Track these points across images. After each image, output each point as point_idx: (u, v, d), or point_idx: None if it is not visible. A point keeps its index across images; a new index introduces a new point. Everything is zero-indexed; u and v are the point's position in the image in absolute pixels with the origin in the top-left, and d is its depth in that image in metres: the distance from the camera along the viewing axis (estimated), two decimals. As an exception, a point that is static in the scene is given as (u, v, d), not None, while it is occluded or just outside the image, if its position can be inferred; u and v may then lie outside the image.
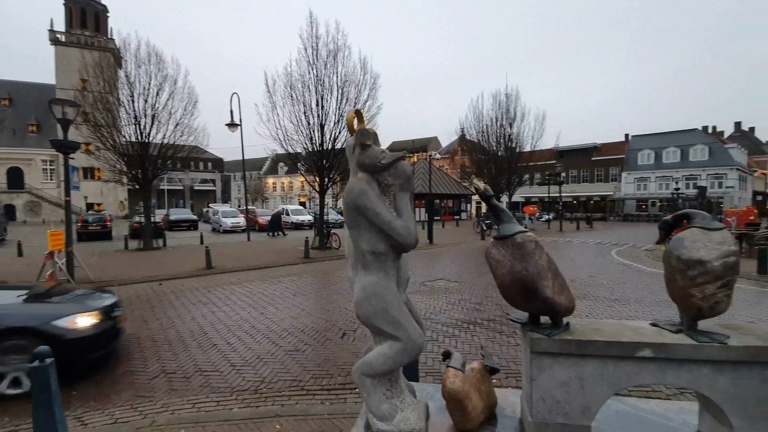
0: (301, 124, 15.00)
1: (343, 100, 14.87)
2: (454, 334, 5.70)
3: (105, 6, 48.15)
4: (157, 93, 15.79)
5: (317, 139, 15.09)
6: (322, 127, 14.99)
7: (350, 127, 2.15)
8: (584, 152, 49.73)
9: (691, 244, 2.06)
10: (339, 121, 14.91)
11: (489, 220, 22.88)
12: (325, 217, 17.17)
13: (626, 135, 50.47)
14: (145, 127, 15.79)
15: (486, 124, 27.27)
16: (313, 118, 14.91)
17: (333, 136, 15.13)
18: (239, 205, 53.81)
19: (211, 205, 43.13)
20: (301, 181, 50.03)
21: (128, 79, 15.48)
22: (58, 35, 44.80)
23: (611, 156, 47.93)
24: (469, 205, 46.74)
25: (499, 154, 26.89)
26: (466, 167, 32.69)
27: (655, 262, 12.60)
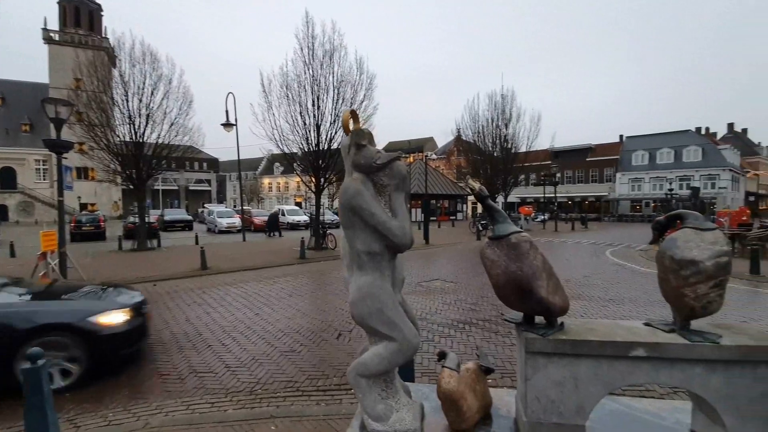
0: (297, 124, 14.99)
1: (339, 100, 14.86)
2: (450, 334, 5.71)
3: (99, 5, 47.84)
4: (152, 92, 15.73)
5: (313, 139, 15.06)
6: (318, 127, 14.96)
7: (345, 128, 2.15)
8: (579, 153, 50.04)
9: (684, 244, 2.07)
10: (335, 121, 14.88)
11: (485, 221, 22.93)
12: (321, 218, 17.14)
13: (621, 136, 50.84)
14: (139, 126, 15.71)
15: (482, 125, 27.44)
16: (309, 118, 14.89)
17: (329, 136, 15.10)
18: (235, 206, 53.67)
19: (206, 206, 42.92)
20: (297, 182, 49.89)
21: (122, 78, 15.39)
22: (51, 34, 44.44)
23: (606, 157, 48.28)
24: (465, 206, 46.82)
25: (495, 155, 27.03)
26: (462, 168, 32.82)
27: (649, 262, 12.68)
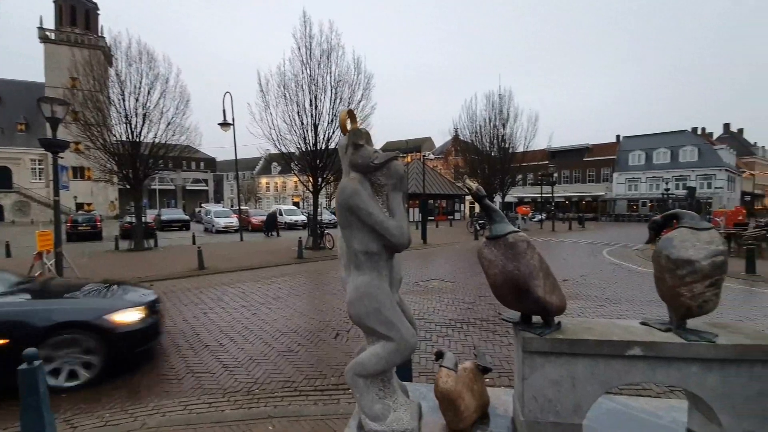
0: (295, 124, 14.95)
1: (337, 100, 14.84)
2: (448, 333, 5.72)
3: (95, 4, 47.59)
4: (149, 92, 15.66)
5: (311, 138, 15.04)
6: (316, 126, 14.94)
7: (343, 127, 2.14)
8: (576, 153, 50.18)
9: (680, 243, 2.08)
10: (332, 120, 14.85)
11: (482, 220, 22.96)
12: (318, 217, 17.11)
13: (617, 136, 51.04)
14: (136, 126, 15.63)
15: (479, 125, 27.45)
16: (307, 117, 14.86)
17: (326, 135, 15.08)
18: (232, 205, 53.57)
19: (203, 205, 42.86)
20: (295, 181, 49.79)
21: (119, 77, 15.32)
22: (47, 33, 44.19)
23: (603, 157, 48.43)
24: (463, 206, 46.90)
25: (493, 155, 27.05)
26: (460, 167, 32.85)
27: (645, 261, 12.73)
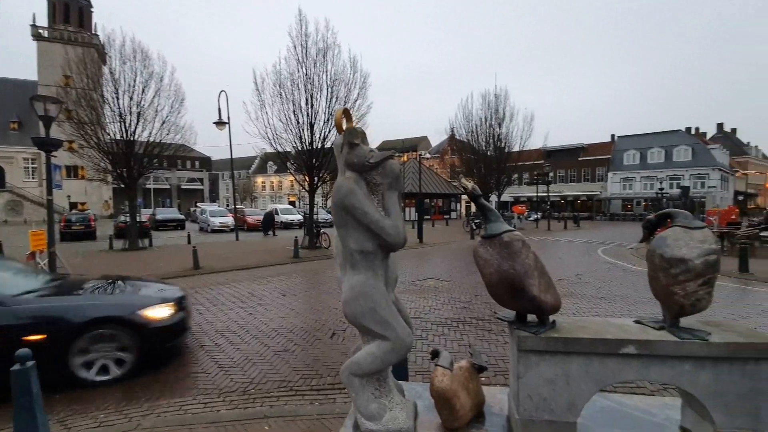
0: (291, 123, 14.91)
1: (333, 99, 14.81)
2: (444, 332, 5.73)
3: (89, 1, 47.19)
4: (143, 90, 15.57)
5: (307, 138, 15.00)
6: (312, 125, 14.91)
7: (338, 126, 2.14)
8: (571, 152, 50.41)
9: (674, 242, 2.10)
10: (329, 120, 14.84)
11: (478, 220, 22.95)
12: (314, 217, 17.08)
13: (612, 135, 51.29)
14: (130, 124, 15.54)
15: (475, 124, 27.48)
16: (303, 116, 14.83)
17: (323, 135, 15.06)
18: (227, 205, 53.33)
19: (198, 205, 42.58)
20: (291, 181, 49.68)
21: (113, 75, 15.21)
22: (40, 30, 43.77)
23: (598, 156, 48.69)
24: (459, 205, 46.99)
25: (489, 154, 27.11)
26: (456, 167, 32.85)
27: (640, 260, 12.81)
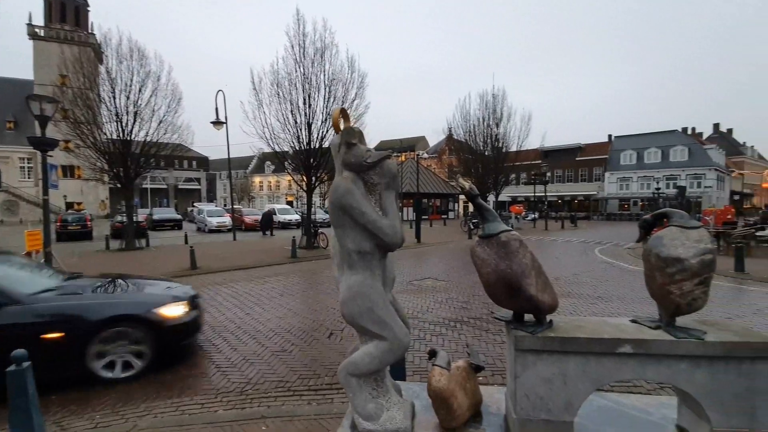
0: (288, 123, 14.90)
1: (331, 99, 14.80)
2: (442, 332, 5.74)
3: (85, 0, 46.92)
4: (140, 89, 15.52)
5: (304, 137, 14.98)
6: (310, 125, 14.89)
7: (335, 126, 2.14)
8: (569, 152, 50.52)
9: (670, 242, 2.10)
10: (326, 119, 14.81)
11: (476, 219, 23.00)
12: (312, 217, 17.06)
13: (609, 136, 51.43)
14: (127, 124, 15.49)
15: (473, 124, 27.52)
16: (300, 116, 14.81)
17: (320, 134, 15.03)
18: (225, 205, 53.17)
19: (195, 204, 42.45)
20: (288, 180, 49.63)
21: (109, 75, 15.17)
22: (36, 29, 43.46)
23: (595, 156, 48.82)
24: (457, 205, 47.02)
25: (486, 154, 27.15)
26: (454, 167, 32.90)
27: (636, 260, 12.86)
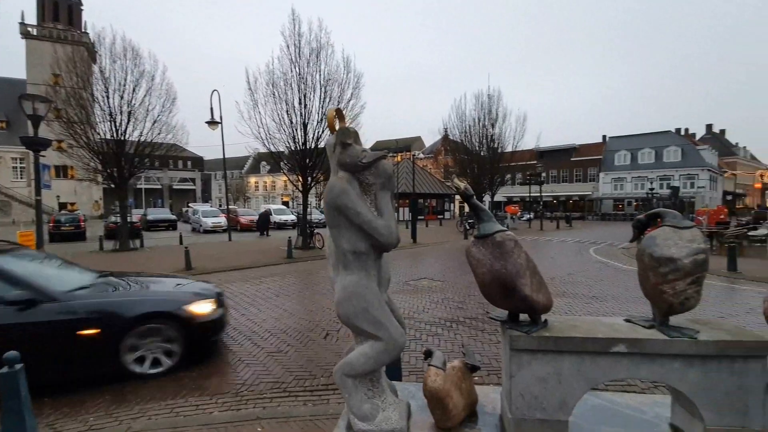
0: (284, 123, 14.83)
1: (327, 99, 14.76)
2: (437, 332, 5.74)
3: (79, -1, 46.60)
4: (134, 89, 15.38)
5: (300, 137, 14.94)
6: (305, 125, 14.85)
7: (331, 126, 2.13)
8: (564, 153, 50.82)
9: (663, 242, 2.12)
10: (322, 119, 14.78)
11: (472, 220, 23.01)
12: (308, 217, 17.02)
13: (604, 136, 51.80)
14: (120, 124, 15.35)
15: (469, 125, 27.55)
16: (296, 116, 14.76)
17: (316, 135, 15.00)
18: (220, 205, 52.92)
19: (190, 205, 42.23)
20: (284, 181, 49.46)
21: (103, 74, 15.02)
22: (29, 28, 43.11)
23: (589, 157, 49.15)
24: (453, 205, 47.13)
25: (482, 154, 27.20)
26: (450, 167, 32.96)
27: (630, 259, 12.93)
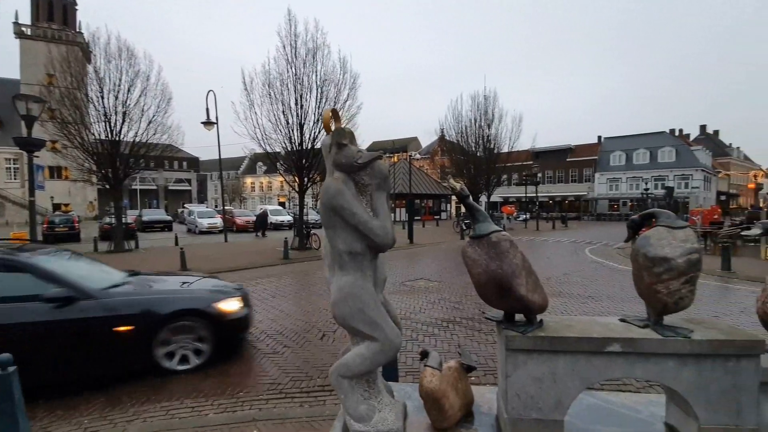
0: (280, 123, 14.83)
1: (323, 100, 14.77)
2: (434, 333, 5.75)
3: (73, -1, 46.28)
4: (129, 89, 15.28)
5: (296, 138, 14.92)
6: (302, 126, 14.84)
7: (326, 126, 2.13)
8: (559, 153, 51.05)
9: (657, 242, 2.13)
10: (318, 120, 14.76)
11: (468, 220, 23.03)
12: (304, 218, 16.99)
13: (599, 137, 52.10)
14: (115, 124, 15.25)
15: (465, 125, 27.60)
16: (292, 117, 14.75)
17: (312, 135, 14.99)
18: (216, 206, 52.76)
19: (186, 206, 42.00)
20: (280, 181, 49.33)
21: (97, 74, 14.92)
22: (23, 28, 42.74)
23: (585, 157, 49.42)
24: (449, 205, 47.20)
25: (478, 155, 27.27)
26: (446, 167, 33.00)
27: (625, 259, 13.00)
